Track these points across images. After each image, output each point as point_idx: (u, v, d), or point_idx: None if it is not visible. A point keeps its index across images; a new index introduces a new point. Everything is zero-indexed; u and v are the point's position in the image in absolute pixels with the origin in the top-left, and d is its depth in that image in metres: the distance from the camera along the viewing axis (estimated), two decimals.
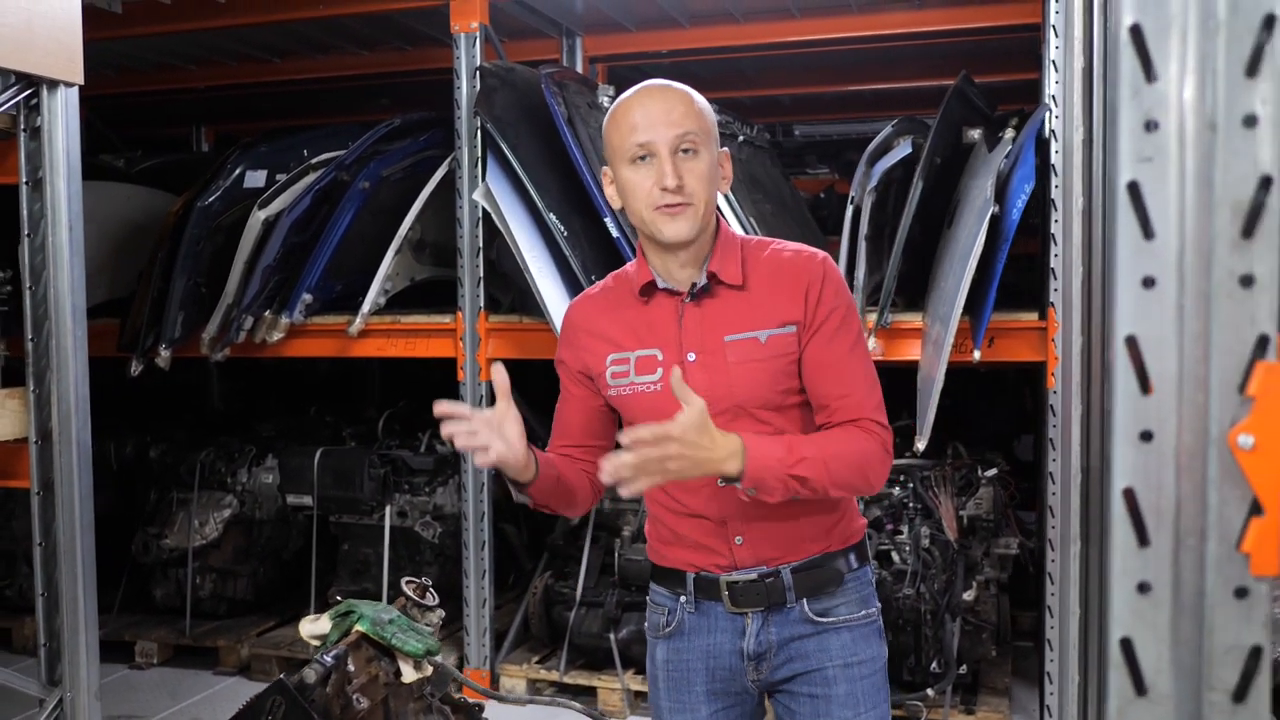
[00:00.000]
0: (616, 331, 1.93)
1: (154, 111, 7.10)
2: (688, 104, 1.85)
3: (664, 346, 1.89)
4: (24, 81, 2.45)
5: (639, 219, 1.87)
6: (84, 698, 2.55)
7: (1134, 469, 0.84)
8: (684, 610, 1.95)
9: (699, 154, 1.83)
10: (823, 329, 1.85)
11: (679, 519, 1.94)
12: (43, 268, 2.52)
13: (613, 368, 1.92)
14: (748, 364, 1.85)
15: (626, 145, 1.83)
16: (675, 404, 1.76)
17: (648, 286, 1.90)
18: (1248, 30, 0.80)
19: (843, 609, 1.93)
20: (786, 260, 1.90)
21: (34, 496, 2.55)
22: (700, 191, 1.82)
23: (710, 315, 1.88)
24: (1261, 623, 0.82)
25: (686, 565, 1.95)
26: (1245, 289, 0.81)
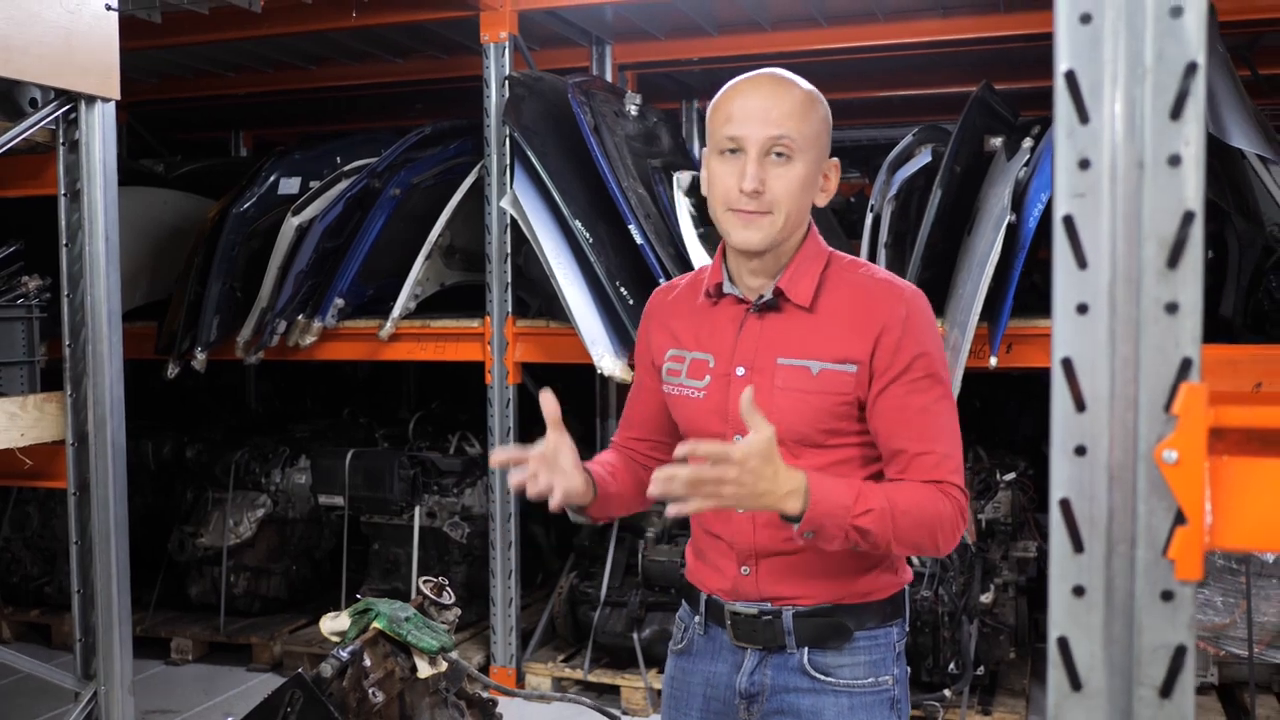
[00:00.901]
0: (682, 328, 1.83)
1: (194, 117, 7.25)
2: (794, 103, 1.69)
3: (718, 354, 1.78)
4: (63, 97, 2.56)
5: (715, 215, 1.76)
6: (117, 691, 2.66)
7: (1069, 481, 0.90)
8: (696, 630, 1.86)
9: (793, 160, 1.68)
10: (904, 376, 1.68)
11: (703, 535, 1.85)
12: (80, 276, 2.63)
13: (669, 364, 1.84)
14: (792, 392, 1.71)
15: (718, 134, 1.71)
16: (713, 418, 1.75)
17: (715, 288, 1.80)
18: (1172, 77, 0.86)
19: (847, 671, 1.76)
20: (869, 292, 1.74)
21: (70, 497, 2.65)
22: (784, 201, 1.68)
23: (770, 332, 1.76)
24: (1185, 624, 0.88)
25: (702, 584, 1.85)
26: (1170, 315, 0.87)
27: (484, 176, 4.38)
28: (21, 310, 2.85)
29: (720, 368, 1.77)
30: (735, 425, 1.71)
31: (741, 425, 1.66)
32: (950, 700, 3.87)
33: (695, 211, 4.03)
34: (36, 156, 2.64)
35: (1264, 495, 0.88)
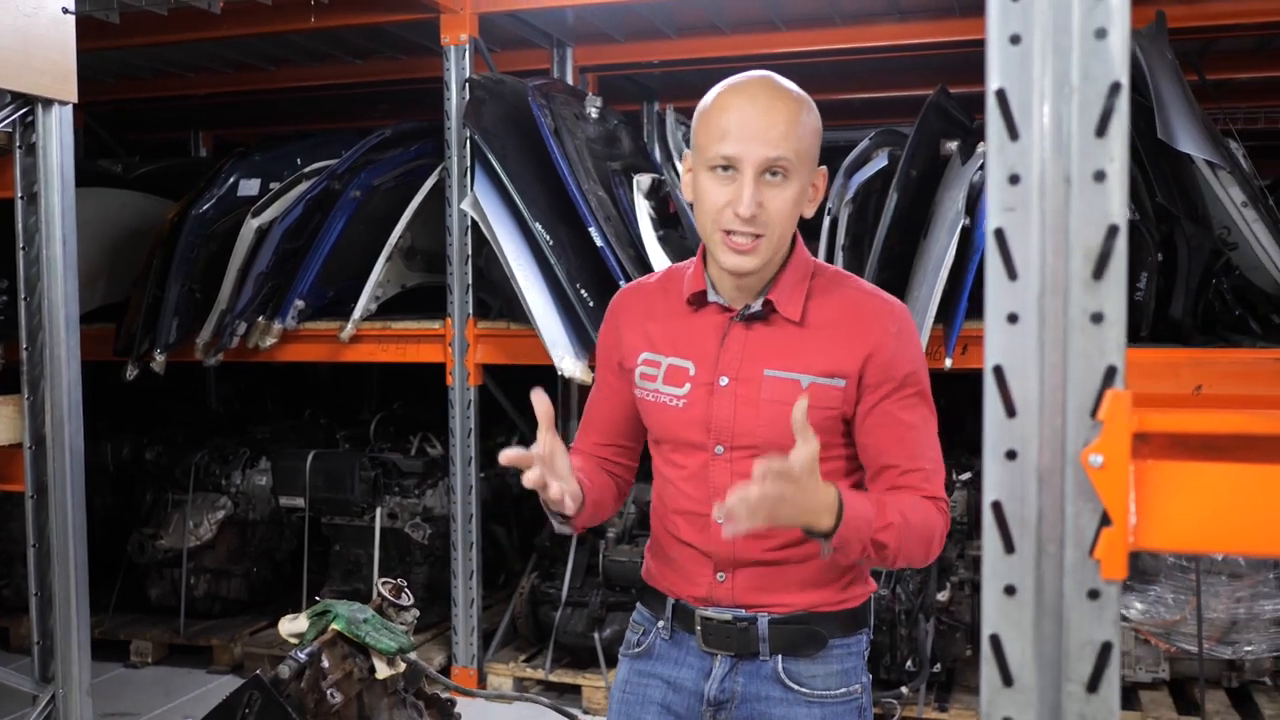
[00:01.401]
0: (657, 330, 1.78)
1: (153, 117, 7.20)
2: (792, 121, 1.65)
3: (699, 362, 1.74)
4: (20, 100, 2.56)
5: (704, 232, 1.70)
6: (76, 694, 2.65)
7: (1001, 484, 0.93)
8: (659, 635, 1.82)
9: (789, 180, 1.65)
10: (897, 393, 1.68)
11: (672, 542, 1.80)
12: (37, 279, 2.62)
13: (642, 367, 1.78)
14: (781, 405, 1.65)
15: (711, 150, 1.65)
16: (694, 428, 1.72)
17: (698, 296, 1.75)
18: (1097, 95, 0.90)
19: (820, 681, 1.75)
20: (860, 307, 1.73)
21: (28, 500, 2.65)
22: (778, 224, 1.65)
23: (756, 342, 1.72)
24: (1111, 621, 0.92)
25: (669, 590, 1.81)
26: (1096, 325, 0.90)
27: (445, 178, 4.39)
28: None
29: (702, 376, 1.73)
30: (718, 436, 1.71)
31: (724, 436, 1.71)
32: (907, 698, 3.93)
33: (655, 214, 4.07)
34: None
35: (1186, 497, 0.92)
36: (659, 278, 1.87)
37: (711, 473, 1.73)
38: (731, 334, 1.73)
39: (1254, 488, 0.91)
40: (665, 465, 1.81)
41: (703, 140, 1.68)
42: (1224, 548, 0.94)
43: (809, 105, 1.70)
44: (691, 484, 1.76)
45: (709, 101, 1.70)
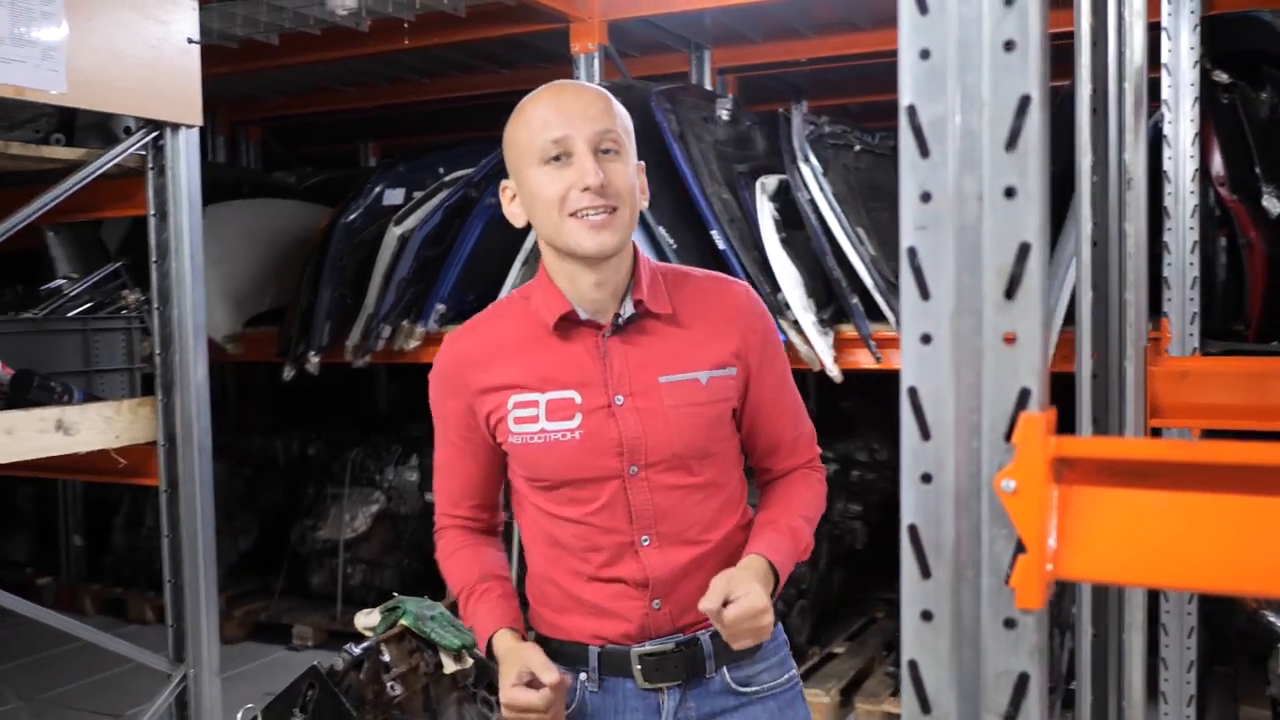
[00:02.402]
0: (516, 370, 1.65)
1: (324, 130, 7.57)
2: (606, 101, 1.62)
3: (583, 388, 1.63)
4: (150, 125, 2.75)
5: (551, 230, 1.59)
6: (206, 674, 2.84)
7: (916, 508, 0.92)
8: (585, 690, 1.69)
9: (621, 156, 1.60)
10: (774, 367, 1.71)
11: (581, 582, 1.67)
12: (169, 291, 2.81)
13: (516, 412, 1.64)
14: (686, 408, 1.63)
15: (537, 142, 1.57)
16: (597, 455, 1.63)
17: (565, 319, 1.64)
18: (1007, 109, 0.87)
19: (765, 675, 1.73)
20: (716, 292, 1.71)
21: (162, 494, 2.85)
22: (626, 196, 1.59)
23: (640, 352, 1.64)
24: (1028, 652, 0.89)
25: (589, 638, 1.68)
26: (1009, 346, 0.88)
27: None
28: (122, 322, 3.08)
29: (591, 402, 1.62)
30: (630, 456, 1.63)
31: (636, 455, 1.62)
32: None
33: (779, 216, 4.04)
34: (129, 180, 2.84)
35: (1110, 526, 0.89)
36: (491, 314, 1.75)
37: (629, 496, 1.64)
38: (610, 350, 1.64)
39: (1180, 517, 0.87)
40: (563, 506, 1.67)
41: (524, 141, 1.60)
42: (1149, 580, 0.90)
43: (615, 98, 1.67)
44: (604, 515, 1.65)
45: (513, 116, 1.64)
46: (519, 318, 1.69)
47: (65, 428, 2.61)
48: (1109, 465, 0.89)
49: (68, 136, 2.68)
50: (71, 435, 2.61)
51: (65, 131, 2.67)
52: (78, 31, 2.49)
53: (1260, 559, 0.85)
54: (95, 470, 2.95)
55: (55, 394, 2.70)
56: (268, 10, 4.25)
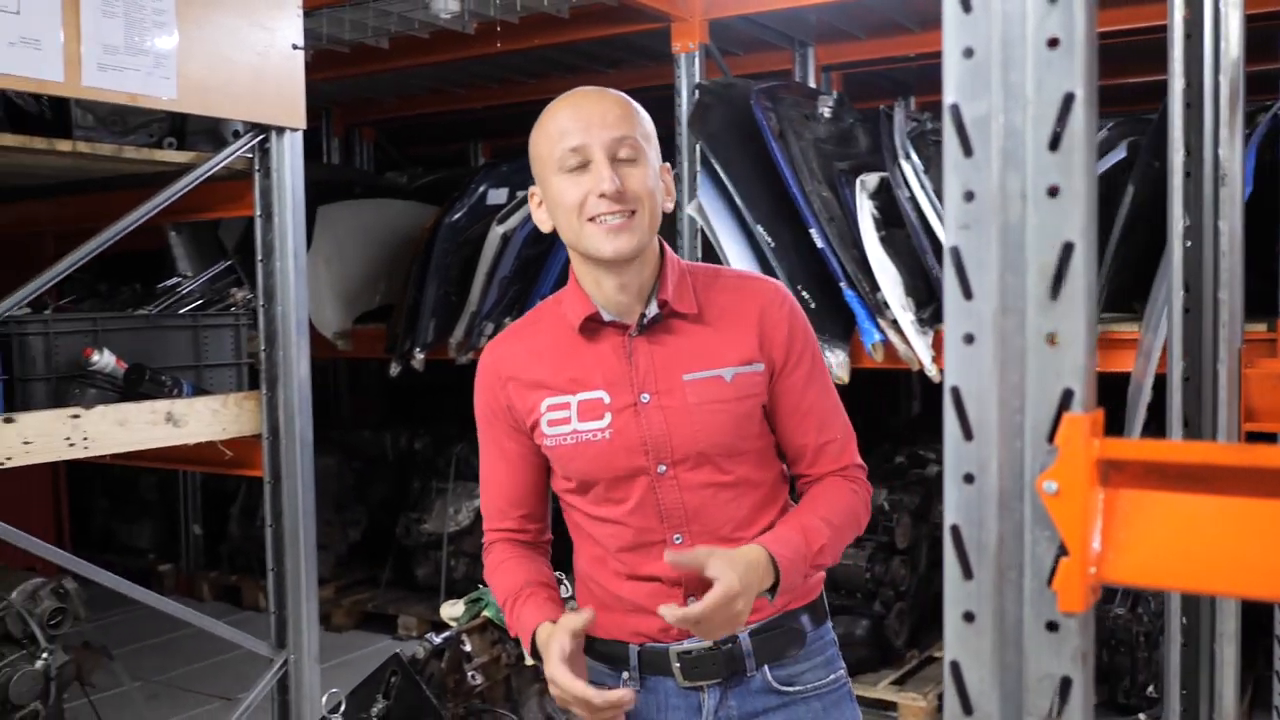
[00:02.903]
0: (549, 374, 1.69)
1: (435, 131, 7.72)
2: (624, 107, 1.65)
3: (610, 388, 1.66)
4: (256, 129, 2.85)
5: (573, 236, 1.63)
6: (306, 660, 2.94)
7: (959, 508, 0.91)
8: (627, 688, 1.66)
9: (639, 160, 1.62)
10: (799, 369, 1.69)
11: (620, 580, 1.70)
12: (274, 289, 2.92)
13: (549, 414, 1.67)
14: (711, 405, 1.65)
15: (556, 152, 1.61)
16: (625, 454, 1.64)
17: (590, 320, 1.67)
18: (1050, 107, 0.86)
19: (809, 675, 1.72)
20: (743, 290, 1.71)
21: (266, 485, 2.95)
22: (645, 199, 1.61)
23: (665, 351, 1.66)
24: (1070, 656, 0.88)
25: (629, 635, 1.71)
26: (1052, 346, 0.87)
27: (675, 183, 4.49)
28: (230, 319, 3.20)
29: (619, 401, 1.65)
30: (657, 455, 1.65)
31: (663, 453, 1.64)
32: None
33: (878, 214, 4.00)
34: (237, 181, 2.94)
35: (1156, 529, 0.87)
36: (528, 321, 1.79)
37: (659, 494, 1.67)
38: (636, 350, 1.67)
39: (1229, 522, 0.85)
40: (598, 507, 1.71)
41: (545, 151, 1.64)
42: (1195, 585, 0.87)
43: (636, 103, 1.69)
44: (637, 514, 1.68)
45: (537, 124, 1.68)
46: (551, 322, 1.72)
47: (175, 420, 2.72)
48: (1156, 468, 0.88)
49: (180, 140, 2.79)
50: (180, 427, 2.73)
51: (177, 135, 2.79)
52: (188, 39, 2.60)
53: None
54: (203, 461, 3.07)
55: (166, 387, 2.82)
56: (374, 15, 4.37)
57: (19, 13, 2.28)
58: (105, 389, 2.74)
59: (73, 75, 2.38)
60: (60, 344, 2.73)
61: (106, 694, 3.45)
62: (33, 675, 2.66)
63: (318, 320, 5.25)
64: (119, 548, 6.41)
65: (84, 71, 2.40)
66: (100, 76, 2.43)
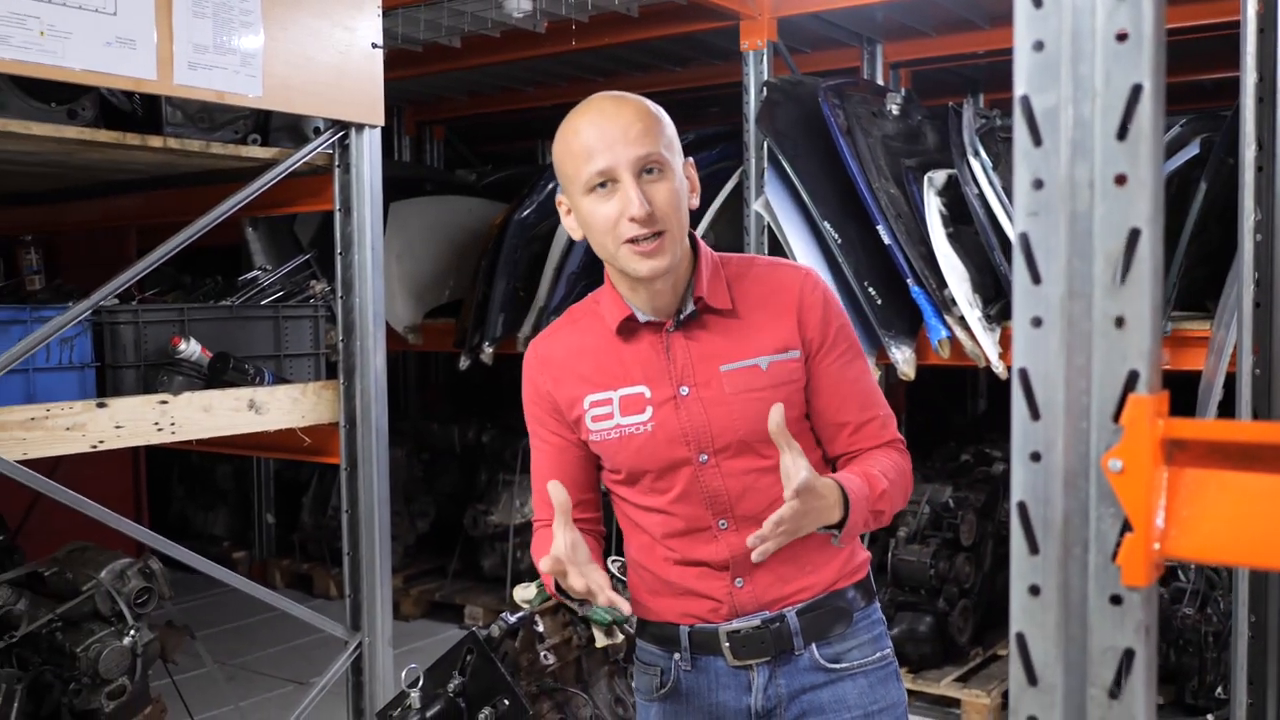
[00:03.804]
0: (591, 370, 1.75)
1: (505, 128, 7.81)
2: (646, 119, 1.64)
3: (651, 383, 1.71)
4: (336, 126, 2.93)
5: (608, 255, 1.67)
6: (379, 643, 3.02)
7: (1026, 485, 0.94)
8: (679, 669, 1.77)
9: (664, 173, 1.63)
10: (833, 350, 1.72)
11: (669, 566, 1.76)
12: (352, 281, 3.00)
13: (593, 410, 1.73)
14: (748, 394, 1.69)
15: (582, 175, 1.62)
16: (668, 445, 1.69)
17: (627, 322, 1.72)
18: (1118, 99, 0.89)
19: (856, 653, 1.76)
20: (775, 278, 1.74)
21: (342, 472, 3.04)
22: (672, 216, 1.63)
23: (701, 344, 1.71)
24: (1133, 628, 0.91)
25: (680, 617, 1.76)
26: (1119, 329, 0.90)
27: (743, 180, 4.53)
28: (309, 310, 3.30)
29: (660, 395, 1.70)
30: (698, 444, 1.70)
31: (704, 443, 1.69)
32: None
33: (946, 211, 4.01)
34: (318, 177, 3.03)
35: (1219, 507, 0.90)
36: (566, 320, 1.83)
37: (703, 482, 1.71)
38: (673, 345, 1.71)
39: None
40: (645, 497, 1.76)
41: (570, 171, 1.65)
42: (1258, 562, 0.90)
43: (654, 104, 1.70)
44: (683, 503, 1.73)
45: (559, 136, 1.69)
46: (591, 321, 1.77)
47: (256, 407, 2.82)
48: (1220, 448, 0.90)
49: (263, 137, 2.88)
50: (262, 414, 2.82)
51: (261, 132, 2.88)
52: (273, 39, 2.69)
53: None
54: (282, 448, 3.17)
55: (248, 376, 2.91)
56: (449, 14, 4.45)
57: (115, 14, 2.38)
58: (191, 376, 2.84)
59: (164, 74, 2.47)
60: (149, 333, 2.84)
61: (188, 675, 3.56)
62: (120, 651, 2.77)
63: (389, 314, 5.33)
64: (195, 534, 6.59)
65: (175, 70, 2.49)
66: (190, 75, 2.52)
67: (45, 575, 2.96)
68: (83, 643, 2.74)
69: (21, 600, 2.86)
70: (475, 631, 1.86)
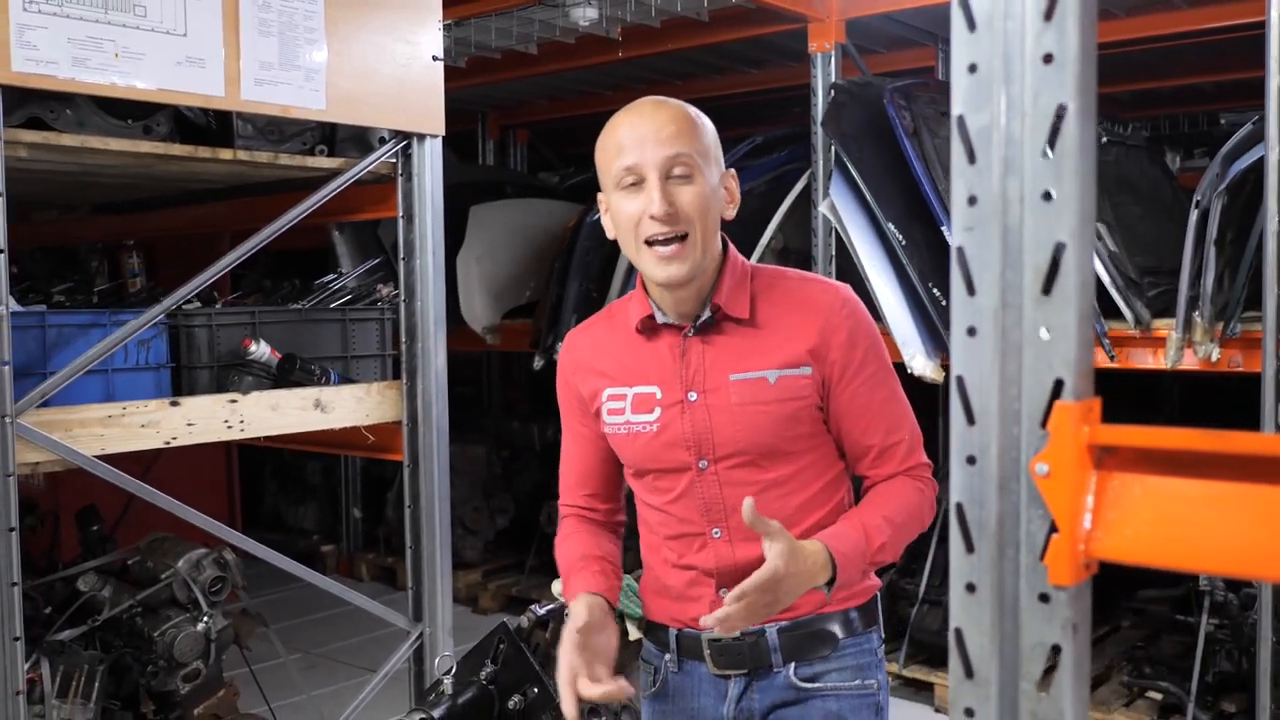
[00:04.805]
0: (611, 365, 1.79)
1: (586, 131, 7.90)
2: (681, 122, 1.67)
3: (663, 384, 1.74)
4: (399, 136, 3.05)
5: (630, 254, 1.71)
6: (440, 632, 3.13)
7: (963, 488, 0.99)
8: (668, 669, 1.82)
9: (694, 177, 1.64)
10: (861, 372, 1.70)
11: (668, 568, 1.80)
12: (415, 286, 3.12)
13: (609, 404, 1.78)
14: (753, 406, 1.69)
15: (613, 170, 1.66)
16: (670, 448, 1.71)
17: (647, 321, 1.75)
18: (1045, 118, 0.93)
19: (835, 676, 1.75)
20: (804, 294, 1.73)
21: (405, 468, 3.16)
22: (696, 219, 1.64)
23: (715, 351, 1.72)
24: (1061, 626, 0.94)
25: (670, 620, 1.81)
26: (1046, 339, 0.94)
27: (811, 182, 4.56)
28: (376, 313, 3.43)
29: (669, 397, 1.72)
30: (699, 450, 1.71)
31: (705, 449, 1.70)
32: None
33: None
34: (382, 185, 3.15)
35: (1144, 510, 0.93)
36: (603, 315, 1.88)
37: (700, 488, 1.73)
38: (689, 350, 1.73)
39: (1211, 504, 0.90)
40: (650, 494, 1.80)
41: (604, 166, 1.70)
42: (1180, 563, 0.93)
43: (698, 112, 1.72)
44: (681, 505, 1.75)
45: (601, 137, 1.72)
46: (622, 319, 1.81)
47: (322, 406, 2.94)
48: (1148, 454, 0.94)
49: (330, 147, 3.01)
50: (327, 413, 2.95)
51: (328, 143, 3.01)
52: (336, 55, 2.82)
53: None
54: (348, 445, 3.30)
55: (315, 376, 3.04)
56: (519, 22, 4.56)
57: (186, 34, 2.52)
58: (261, 376, 2.98)
59: (233, 90, 2.61)
60: (222, 335, 2.99)
61: (266, 664, 3.72)
62: (195, 636, 2.93)
63: (469, 315, 5.49)
64: (286, 529, 6.83)
65: (243, 86, 2.63)
66: (257, 91, 2.65)
67: (129, 564, 3.14)
68: (160, 627, 2.90)
69: (107, 587, 3.03)
70: (506, 623, 1.94)
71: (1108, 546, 0.94)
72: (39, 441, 2.44)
